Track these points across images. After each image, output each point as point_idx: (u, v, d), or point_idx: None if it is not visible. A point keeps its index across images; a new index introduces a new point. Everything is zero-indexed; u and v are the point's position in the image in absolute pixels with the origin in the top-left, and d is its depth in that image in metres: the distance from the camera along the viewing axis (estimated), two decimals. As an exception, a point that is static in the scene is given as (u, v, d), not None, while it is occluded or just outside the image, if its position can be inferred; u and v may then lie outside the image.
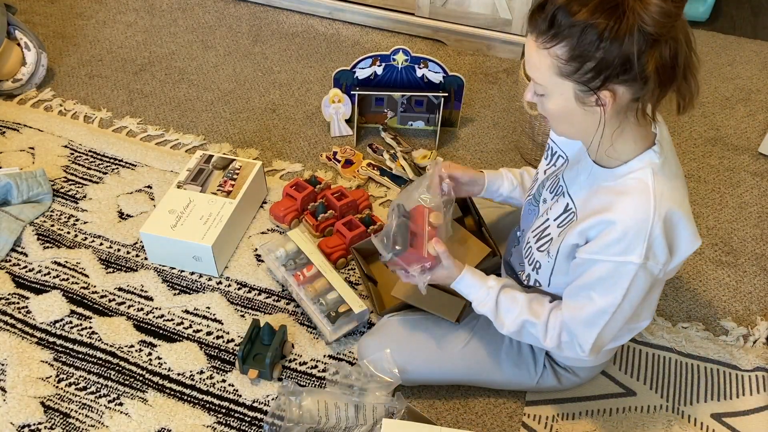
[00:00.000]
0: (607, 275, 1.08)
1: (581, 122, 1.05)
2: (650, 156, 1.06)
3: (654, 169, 1.05)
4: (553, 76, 1.00)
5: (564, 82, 1.00)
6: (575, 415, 1.39)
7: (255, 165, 1.76)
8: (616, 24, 0.92)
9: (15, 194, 1.74)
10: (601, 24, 0.92)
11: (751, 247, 1.76)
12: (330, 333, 1.45)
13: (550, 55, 0.98)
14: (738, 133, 2.12)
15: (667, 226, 1.04)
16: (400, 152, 1.95)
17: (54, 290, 1.58)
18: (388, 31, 2.49)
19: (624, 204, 1.04)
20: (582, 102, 1.01)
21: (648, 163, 1.05)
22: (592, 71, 0.96)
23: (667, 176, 1.06)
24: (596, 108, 1.01)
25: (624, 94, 0.99)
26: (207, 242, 1.56)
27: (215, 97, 2.18)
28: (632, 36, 0.92)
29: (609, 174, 1.09)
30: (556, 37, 0.96)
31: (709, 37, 2.56)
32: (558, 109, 1.05)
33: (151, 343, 1.49)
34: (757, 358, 1.49)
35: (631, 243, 1.03)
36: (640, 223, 1.03)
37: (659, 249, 1.05)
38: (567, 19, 0.94)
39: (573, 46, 0.95)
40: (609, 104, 0.99)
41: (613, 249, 1.05)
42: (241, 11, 2.57)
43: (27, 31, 2.14)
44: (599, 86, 0.97)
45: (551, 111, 1.06)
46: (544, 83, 1.02)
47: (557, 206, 1.19)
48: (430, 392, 1.42)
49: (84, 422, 1.35)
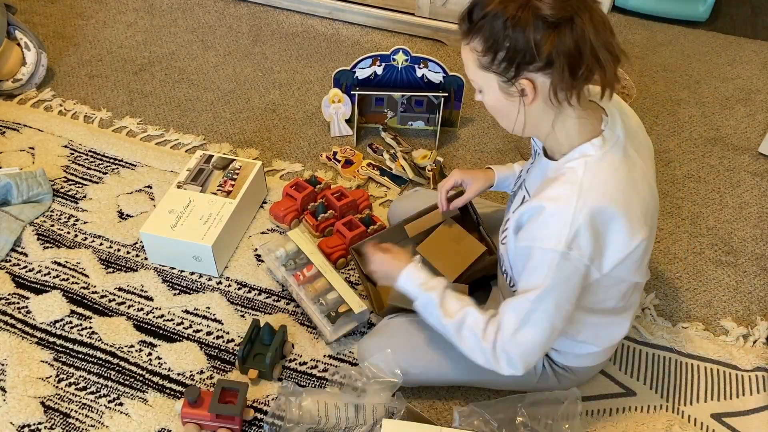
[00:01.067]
0: (536, 263, 1.07)
1: (514, 115, 1.09)
2: (586, 148, 1.07)
3: (588, 161, 1.06)
4: (477, 70, 1.06)
5: (487, 75, 1.05)
6: (575, 415, 1.39)
7: (255, 165, 1.76)
8: (519, 11, 0.97)
9: (15, 194, 1.74)
10: (508, 11, 0.98)
11: (751, 247, 1.76)
12: (330, 333, 1.45)
13: (471, 49, 1.05)
14: (738, 133, 2.12)
15: (595, 219, 1.04)
16: (400, 152, 1.95)
17: (54, 290, 1.58)
18: (388, 31, 2.49)
19: (551, 189, 1.06)
20: (507, 93, 1.06)
21: (582, 154, 1.07)
22: (505, 60, 1.01)
23: (603, 170, 1.06)
24: (522, 99, 1.05)
25: (544, 83, 1.02)
26: (207, 242, 1.56)
27: (215, 97, 2.18)
28: (536, 23, 0.96)
29: (552, 165, 1.12)
30: (473, 31, 1.03)
31: (709, 37, 2.56)
32: (492, 103, 1.10)
33: (151, 343, 1.49)
34: (757, 358, 1.49)
35: (554, 230, 1.04)
36: (562, 210, 1.04)
37: (584, 240, 1.04)
38: (480, 11, 1.01)
39: (486, 37, 1.01)
40: (530, 94, 1.03)
41: (539, 234, 1.06)
42: (241, 11, 2.58)
43: (27, 31, 2.14)
44: (514, 75, 1.02)
45: (489, 106, 1.11)
46: (473, 78, 1.09)
47: (516, 199, 1.23)
48: (430, 392, 1.42)
49: (84, 422, 1.35)
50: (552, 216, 1.04)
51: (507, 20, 0.98)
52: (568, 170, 1.07)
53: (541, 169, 1.16)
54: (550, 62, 0.99)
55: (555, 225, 1.04)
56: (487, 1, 1.00)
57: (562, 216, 1.03)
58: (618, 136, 1.10)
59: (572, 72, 0.99)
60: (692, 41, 2.55)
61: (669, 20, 2.65)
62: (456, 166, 1.96)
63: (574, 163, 1.07)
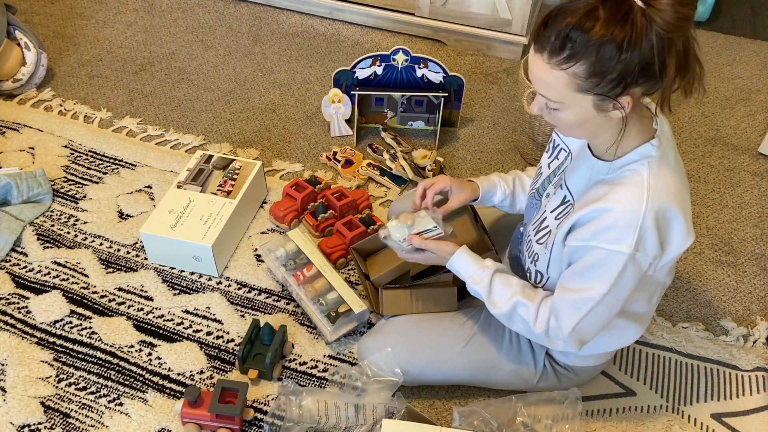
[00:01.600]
0: (597, 262, 1.08)
1: (596, 126, 1.06)
2: (647, 149, 1.07)
3: (650, 162, 1.06)
4: (570, 92, 1.00)
5: (583, 96, 1.00)
6: (575, 415, 1.38)
7: (255, 165, 1.76)
8: (632, 33, 0.92)
9: (15, 194, 1.74)
10: (618, 36, 0.92)
11: (751, 247, 1.76)
12: (330, 333, 1.45)
13: (568, 74, 0.97)
14: (738, 133, 2.12)
15: (659, 220, 1.05)
16: (400, 152, 1.95)
17: (54, 290, 1.58)
18: (388, 31, 2.49)
19: (617, 193, 1.05)
20: (601, 109, 1.01)
21: (644, 156, 1.07)
22: (614, 81, 0.96)
23: (664, 170, 1.07)
24: (614, 112, 1.01)
25: (639, 93, 1.00)
26: (207, 242, 1.56)
27: (215, 97, 2.18)
28: (650, 41, 0.92)
29: (607, 167, 1.10)
30: (573, 57, 0.95)
31: (709, 37, 2.56)
32: (574, 120, 1.04)
33: (151, 343, 1.49)
34: (757, 358, 1.49)
35: (622, 232, 1.04)
36: (631, 213, 1.03)
37: (650, 241, 1.05)
38: (582, 36, 0.94)
39: (592, 62, 0.95)
40: (628, 107, 1.00)
41: (604, 236, 1.05)
42: (241, 11, 2.58)
43: (27, 31, 2.14)
44: (620, 93, 0.98)
45: (566, 121, 1.06)
46: (560, 100, 1.02)
47: (555, 198, 1.21)
48: (430, 392, 1.42)
49: (84, 422, 1.35)
50: (621, 218, 1.04)
51: (621, 44, 0.92)
52: (632, 172, 1.06)
53: (589, 168, 1.14)
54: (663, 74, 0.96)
55: (623, 227, 1.04)
56: (585, 25, 0.93)
57: (632, 219, 1.03)
58: (667, 135, 1.11)
59: (681, 78, 0.98)
60: (692, 41, 2.54)
61: (669, 20, 2.65)
62: (456, 166, 1.96)
63: (637, 165, 1.06)
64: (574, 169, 1.18)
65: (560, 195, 1.19)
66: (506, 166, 1.97)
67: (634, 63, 0.94)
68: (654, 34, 0.92)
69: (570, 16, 0.94)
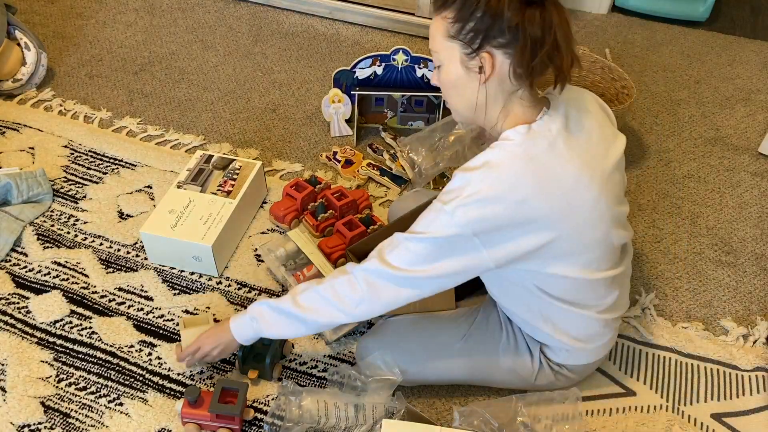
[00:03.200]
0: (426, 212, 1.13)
1: (468, 93, 1.12)
2: (509, 133, 1.10)
3: (505, 144, 1.09)
4: (443, 39, 1.09)
5: (452, 45, 1.08)
6: (575, 415, 1.39)
7: (255, 165, 1.76)
8: None
9: (15, 194, 1.74)
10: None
11: (751, 247, 1.77)
12: (330, 333, 1.45)
13: (441, 18, 1.08)
14: (738, 133, 2.13)
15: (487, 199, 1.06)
16: (400, 152, 1.95)
17: (54, 290, 1.58)
18: (388, 31, 2.49)
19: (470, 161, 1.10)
20: (466, 67, 1.09)
21: (503, 139, 1.11)
22: (473, 31, 1.05)
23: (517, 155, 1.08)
24: (479, 76, 1.08)
25: (503, 61, 1.06)
26: (207, 242, 1.56)
27: (215, 97, 2.18)
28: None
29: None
30: (447, 2, 1.07)
31: (709, 37, 2.56)
32: (449, 78, 1.12)
33: (151, 343, 1.49)
34: (757, 358, 1.49)
35: (450, 188, 1.09)
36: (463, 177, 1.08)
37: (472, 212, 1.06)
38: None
39: (459, 6, 1.05)
40: (489, 70, 1.07)
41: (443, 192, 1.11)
42: (241, 11, 2.58)
43: (27, 31, 2.14)
44: (478, 47, 1.06)
45: (444, 81, 1.14)
46: (437, 49, 1.11)
47: None
48: (430, 392, 1.42)
49: (84, 422, 1.35)
50: (454, 178, 1.09)
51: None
52: (490, 149, 1.10)
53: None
54: (514, 38, 1.03)
55: (452, 185, 1.09)
56: None
57: (461, 179, 1.08)
58: (550, 130, 1.11)
59: (533, 53, 1.03)
60: (692, 41, 2.55)
61: (669, 20, 2.65)
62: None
63: (498, 143, 1.11)
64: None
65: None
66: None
67: (491, 14, 1.02)
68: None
69: None
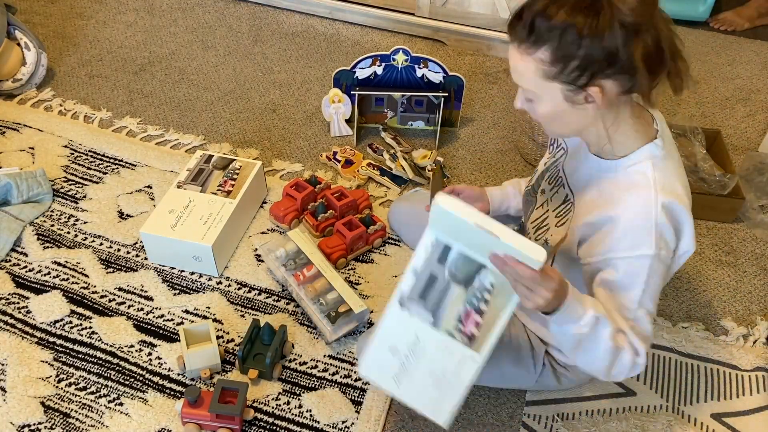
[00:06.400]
0: (624, 272, 1.05)
1: (574, 121, 1.07)
2: (651, 149, 1.07)
3: (654, 161, 1.06)
4: (539, 80, 1.01)
5: (551, 84, 1.01)
6: (575, 415, 1.39)
7: (255, 165, 1.76)
8: (594, 20, 0.94)
9: (15, 194, 1.74)
10: (580, 22, 0.94)
11: (751, 247, 1.76)
12: (330, 333, 1.45)
13: (534, 60, 1.00)
14: (738, 133, 2.12)
15: (671, 216, 1.04)
16: (400, 152, 1.95)
17: (54, 290, 1.58)
18: (388, 31, 2.49)
19: (626, 199, 1.04)
20: (571, 101, 1.03)
21: (649, 156, 1.06)
22: (577, 69, 0.98)
23: (670, 169, 1.07)
24: (587, 105, 1.02)
25: (612, 87, 1.00)
26: (207, 242, 1.56)
27: (215, 97, 2.18)
28: (613, 30, 0.94)
29: (610, 166, 1.10)
30: (538, 42, 0.98)
31: (709, 37, 2.56)
32: (548, 111, 1.06)
33: (151, 343, 1.49)
34: (757, 358, 1.49)
35: (639, 235, 1.03)
36: (644, 215, 1.03)
37: (669, 236, 1.05)
38: (545, 23, 0.97)
39: (555, 48, 0.97)
40: (598, 99, 1.00)
41: (623, 244, 1.04)
42: (241, 11, 2.58)
43: (27, 31, 2.14)
44: (586, 83, 0.99)
45: (542, 114, 1.07)
46: (532, 88, 1.04)
47: (557, 198, 1.20)
48: (430, 392, 1.42)
49: (84, 422, 1.35)
50: (632, 223, 1.03)
51: (582, 30, 0.95)
52: (638, 174, 1.05)
53: (590, 167, 1.14)
54: (628, 67, 0.97)
55: (638, 231, 1.03)
56: (550, 11, 0.96)
57: (645, 221, 1.03)
58: (669, 136, 1.11)
59: (653, 73, 0.99)
60: (692, 41, 2.55)
61: (669, 20, 2.65)
62: (456, 166, 1.96)
63: (642, 165, 1.06)
64: (576, 169, 1.18)
65: (562, 194, 1.19)
66: (506, 166, 1.97)
67: (597, 51, 0.96)
68: (618, 23, 0.94)
69: (539, 3, 0.98)
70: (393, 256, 1.69)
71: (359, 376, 1.38)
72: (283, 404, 1.39)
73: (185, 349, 1.38)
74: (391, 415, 1.38)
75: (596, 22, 0.94)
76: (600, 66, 0.97)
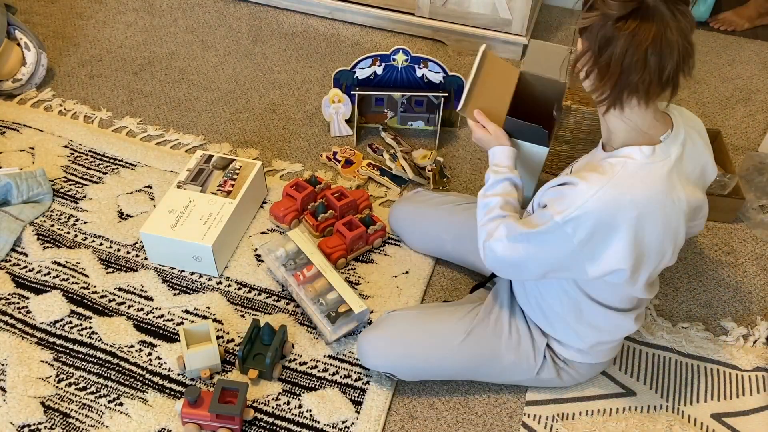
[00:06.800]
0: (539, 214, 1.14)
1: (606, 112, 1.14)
2: (633, 151, 1.09)
3: (628, 162, 1.08)
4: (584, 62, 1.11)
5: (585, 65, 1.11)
6: (575, 415, 1.39)
7: (255, 165, 1.76)
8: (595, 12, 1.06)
9: (15, 194, 1.74)
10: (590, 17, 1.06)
11: (751, 247, 1.76)
12: (330, 333, 1.45)
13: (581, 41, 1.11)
14: (738, 133, 2.12)
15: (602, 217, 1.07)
16: (400, 152, 1.95)
17: (54, 290, 1.58)
18: (388, 31, 2.49)
19: (587, 176, 1.09)
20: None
21: (627, 155, 1.10)
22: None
23: (640, 178, 1.08)
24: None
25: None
26: (207, 242, 1.56)
27: (215, 97, 2.18)
28: (598, 23, 1.04)
29: (600, 154, 1.17)
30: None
31: (709, 37, 2.56)
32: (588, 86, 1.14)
33: (151, 343, 1.49)
34: (757, 358, 1.49)
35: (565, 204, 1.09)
36: (583, 192, 1.07)
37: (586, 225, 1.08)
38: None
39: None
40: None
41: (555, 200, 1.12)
42: (241, 11, 2.58)
43: (27, 31, 2.14)
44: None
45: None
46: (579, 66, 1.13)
47: (558, 179, 1.24)
48: (430, 392, 1.42)
49: (84, 422, 1.35)
50: (571, 192, 1.09)
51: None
52: (606, 164, 1.10)
53: (592, 154, 1.22)
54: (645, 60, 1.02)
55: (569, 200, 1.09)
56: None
57: (578, 196, 1.08)
58: (669, 156, 1.11)
59: (661, 84, 1.05)
60: (692, 41, 2.54)
61: (669, 20, 2.65)
62: (456, 166, 1.96)
63: (615, 160, 1.10)
64: (582, 158, 1.26)
65: (563, 177, 1.22)
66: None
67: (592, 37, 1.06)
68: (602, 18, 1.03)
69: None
70: (393, 256, 1.69)
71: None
72: (283, 404, 1.39)
73: (185, 349, 1.39)
74: (391, 415, 1.38)
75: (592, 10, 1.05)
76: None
